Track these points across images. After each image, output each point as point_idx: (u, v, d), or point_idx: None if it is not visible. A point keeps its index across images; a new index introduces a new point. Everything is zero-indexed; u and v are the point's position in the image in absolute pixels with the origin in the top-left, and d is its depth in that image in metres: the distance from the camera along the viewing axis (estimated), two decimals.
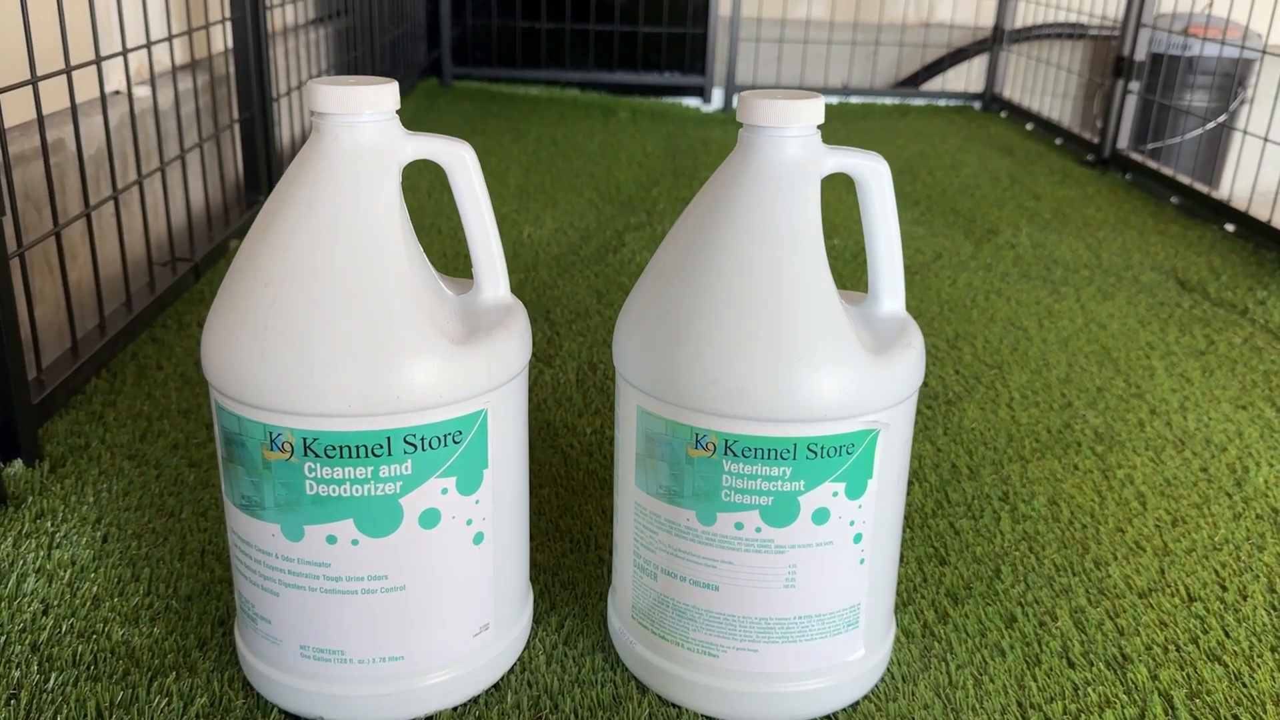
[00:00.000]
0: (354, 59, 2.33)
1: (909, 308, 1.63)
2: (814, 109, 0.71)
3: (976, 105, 3.26)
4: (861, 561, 0.74)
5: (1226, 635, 0.89)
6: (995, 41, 3.18)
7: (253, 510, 0.71)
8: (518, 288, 1.64)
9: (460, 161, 0.73)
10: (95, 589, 0.87)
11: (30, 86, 1.04)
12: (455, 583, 0.74)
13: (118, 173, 1.27)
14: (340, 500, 0.69)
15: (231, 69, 1.62)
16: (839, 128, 3.01)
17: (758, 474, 0.70)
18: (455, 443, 0.70)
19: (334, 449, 0.67)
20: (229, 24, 1.57)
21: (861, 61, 3.43)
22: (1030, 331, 1.56)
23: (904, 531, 1.02)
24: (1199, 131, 3.14)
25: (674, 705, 0.78)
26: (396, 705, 0.74)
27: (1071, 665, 0.84)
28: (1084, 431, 1.25)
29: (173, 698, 0.76)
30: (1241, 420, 1.31)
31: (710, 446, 0.71)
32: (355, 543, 0.70)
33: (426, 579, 0.72)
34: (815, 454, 0.70)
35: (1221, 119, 3.19)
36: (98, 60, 1.19)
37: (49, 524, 0.94)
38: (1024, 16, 3.26)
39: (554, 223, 1.99)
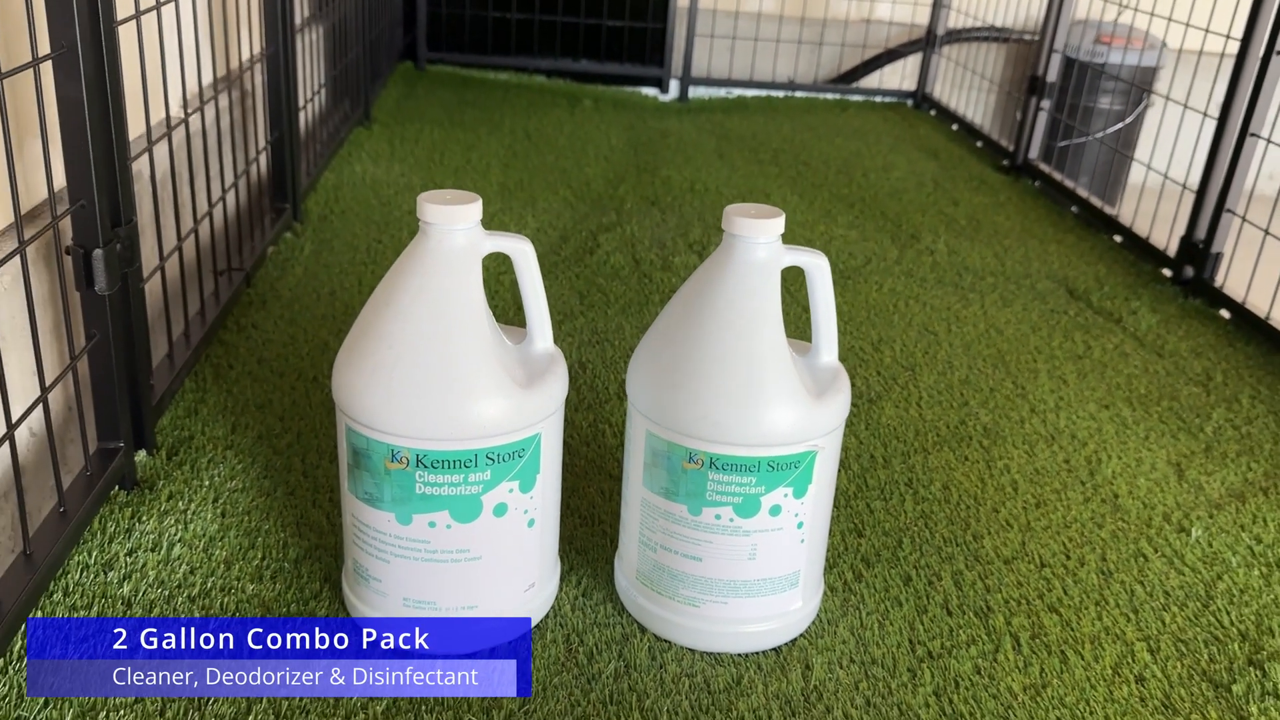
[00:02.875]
0: (350, 61, 2.55)
1: (842, 311, 1.94)
2: (779, 224, 1.00)
3: (909, 103, 3.56)
4: (802, 541, 1.05)
5: (1065, 593, 1.22)
6: (928, 44, 3.48)
7: (373, 503, 0.99)
8: (512, 287, 1.91)
9: (523, 253, 1.02)
10: (225, 554, 1.15)
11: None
12: (514, 554, 1.03)
13: (168, 191, 1.50)
14: (440, 497, 0.97)
15: (263, 86, 1.85)
16: (785, 122, 3.29)
17: (732, 481, 1.00)
18: (519, 457, 0.99)
19: (438, 462, 0.96)
20: (265, 59, 1.81)
21: (807, 55, 3.70)
22: (940, 336, 1.88)
23: (832, 511, 1.33)
24: (1101, 134, 3.48)
25: (666, 641, 1.08)
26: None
27: (949, 614, 1.16)
28: (975, 427, 1.57)
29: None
30: (1103, 419, 1.64)
31: (699, 461, 1.00)
32: (449, 527, 0.99)
33: (496, 552, 1.01)
34: (773, 468, 1.00)
35: (1128, 119, 3.53)
36: (186, 109, 1.44)
37: (180, 504, 1.21)
38: (956, 19, 3.56)
39: (535, 222, 2.25)
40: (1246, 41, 1.98)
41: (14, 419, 0.99)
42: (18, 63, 1.04)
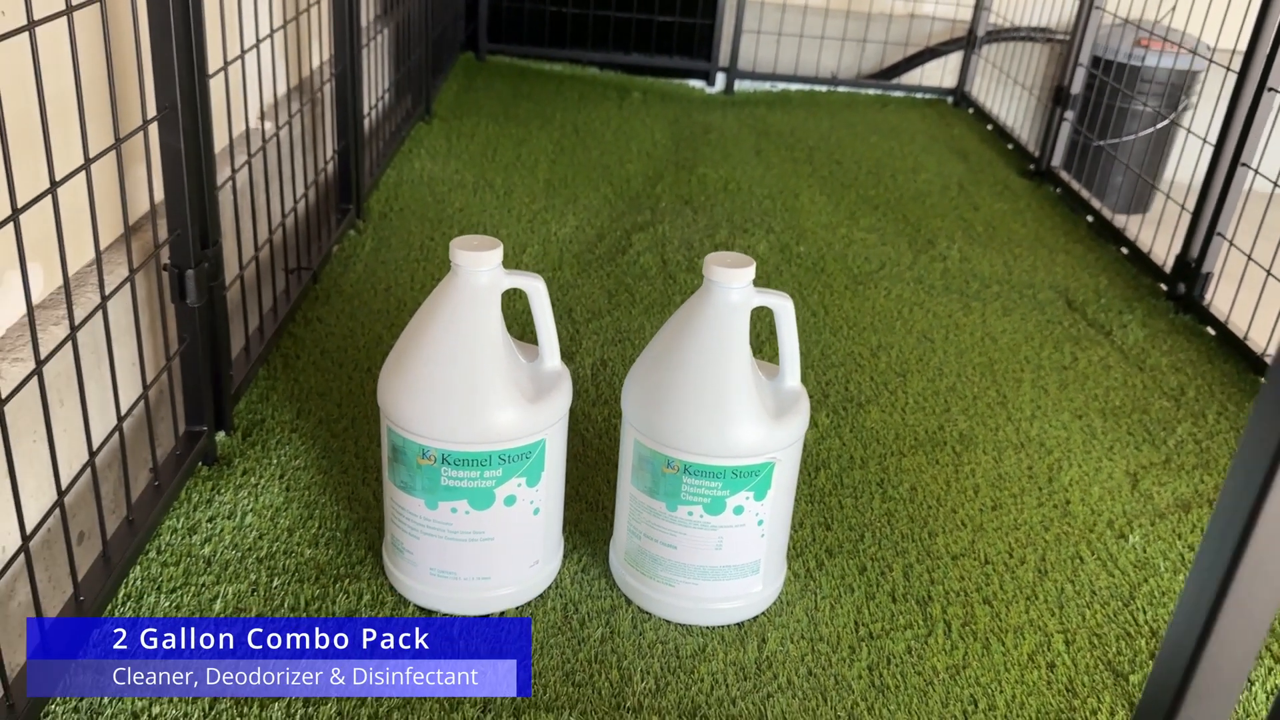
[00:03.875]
0: (413, 61, 2.76)
1: (849, 317, 2.12)
2: (750, 273, 1.19)
3: (949, 100, 3.69)
4: (762, 536, 1.25)
5: (1000, 587, 1.41)
6: (969, 44, 3.60)
7: (407, 490, 1.21)
8: (548, 286, 2.11)
9: (536, 290, 1.22)
10: (288, 523, 1.38)
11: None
12: (521, 537, 1.24)
13: (248, 200, 1.72)
14: (461, 488, 1.19)
15: (331, 98, 2.07)
16: (825, 118, 3.44)
17: (702, 485, 1.21)
18: (527, 458, 1.20)
19: (460, 460, 1.17)
20: (334, 78, 2.02)
21: (852, 48, 3.84)
22: (937, 343, 2.05)
23: (806, 505, 1.53)
24: (1114, 140, 3.57)
25: (647, 613, 1.29)
26: (485, 605, 1.26)
27: (894, 601, 1.36)
28: (952, 433, 1.75)
29: (349, 595, 1.27)
30: (1073, 428, 1.81)
31: (676, 467, 1.21)
32: (467, 513, 1.20)
33: (506, 534, 1.23)
34: (737, 475, 1.20)
35: (1161, 125, 3.62)
36: (263, 120, 1.65)
37: (252, 479, 1.44)
38: (995, 19, 3.66)
39: (575, 219, 2.45)
40: (1243, 77, 2.11)
41: (122, 410, 1.23)
42: (130, 114, 1.26)
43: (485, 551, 1.23)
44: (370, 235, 2.21)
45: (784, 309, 1.23)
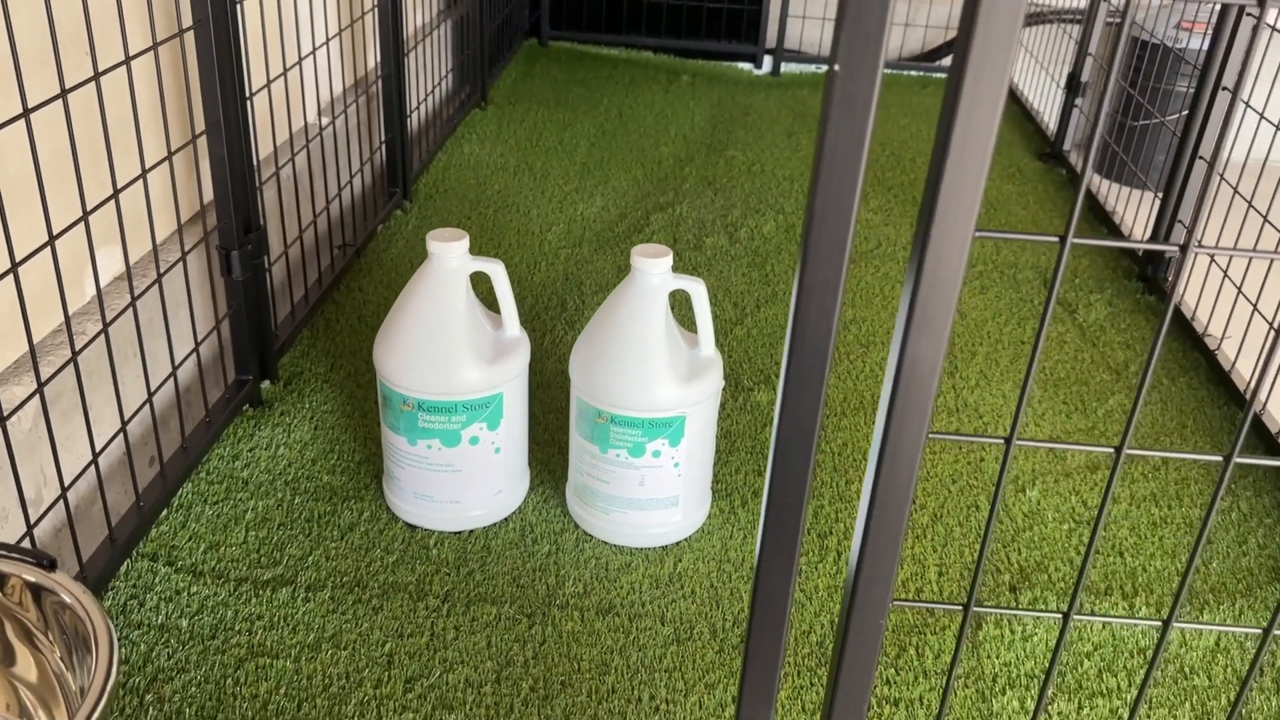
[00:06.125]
0: (469, 54, 3.07)
1: None
2: (667, 262, 1.47)
3: None
4: (679, 476, 1.54)
5: None
6: None
7: (394, 429, 1.53)
8: (565, 261, 2.42)
9: (496, 272, 1.52)
10: (313, 455, 1.72)
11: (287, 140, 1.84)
12: (485, 470, 1.55)
13: (303, 186, 2.06)
14: (433, 429, 1.50)
15: (379, 96, 2.39)
16: None
17: (626, 433, 1.50)
18: (487, 407, 1.51)
19: (432, 407, 1.49)
20: (380, 79, 2.35)
21: (895, 31, 4.01)
22: None
23: (747, 454, 1.80)
24: (1102, 123, 3.67)
25: (589, 535, 1.59)
26: (457, 522, 1.58)
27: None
28: None
29: (352, 511, 1.60)
30: (1011, 397, 2.03)
31: (605, 418, 1.50)
32: (440, 449, 1.52)
33: (472, 467, 1.54)
34: (653, 425, 1.49)
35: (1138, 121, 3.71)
36: (307, 118, 1.98)
37: (288, 419, 1.79)
38: (1032, 3, 3.79)
39: (602, 200, 2.74)
40: (1204, 74, 2.27)
41: (177, 361, 1.57)
42: (186, 127, 1.59)
43: (455, 480, 1.55)
44: (415, 214, 2.54)
45: (698, 291, 1.51)
